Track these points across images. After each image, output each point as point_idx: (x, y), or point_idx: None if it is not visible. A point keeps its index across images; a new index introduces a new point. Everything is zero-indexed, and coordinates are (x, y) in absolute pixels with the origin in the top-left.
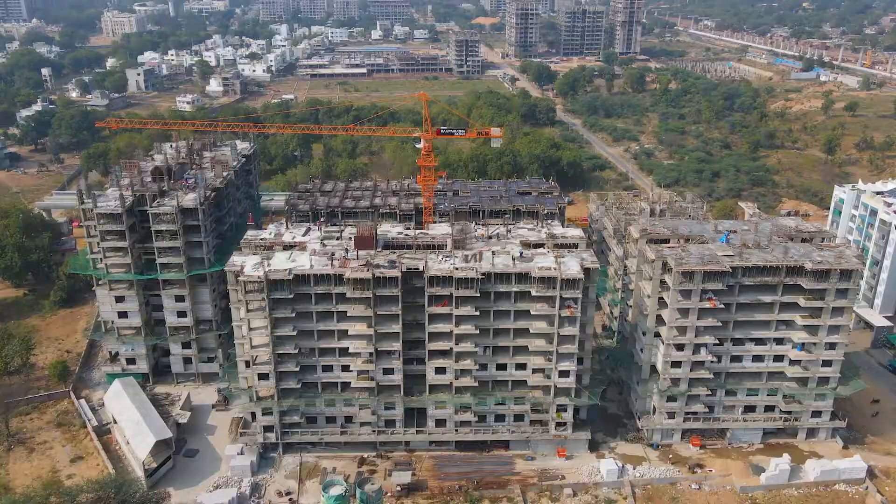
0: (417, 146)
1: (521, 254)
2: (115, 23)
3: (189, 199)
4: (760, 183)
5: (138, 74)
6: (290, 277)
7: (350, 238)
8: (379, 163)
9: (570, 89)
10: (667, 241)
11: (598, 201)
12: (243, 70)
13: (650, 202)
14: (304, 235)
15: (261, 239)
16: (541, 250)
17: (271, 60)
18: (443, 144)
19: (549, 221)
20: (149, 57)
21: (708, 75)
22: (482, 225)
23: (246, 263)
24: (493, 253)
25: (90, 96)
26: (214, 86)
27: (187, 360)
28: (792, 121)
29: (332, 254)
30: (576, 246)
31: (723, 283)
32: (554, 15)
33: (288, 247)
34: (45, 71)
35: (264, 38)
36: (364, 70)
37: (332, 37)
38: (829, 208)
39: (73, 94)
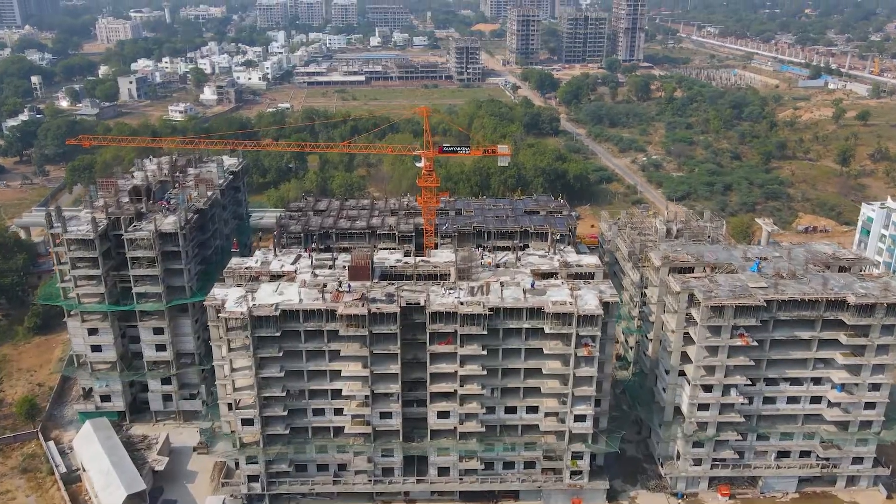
0: (418, 165)
1: (533, 285)
2: (110, 29)
3: (169, 223)
4: (775, 196)
5: (130, 82)
6: (277, 314)
7: (344, 267)
8: (377, 175)
9: (573, 98)
10: (691, 269)
11: (611, 220)
12: (238, 78)
13: (665, 221)
14: (293, 264)
15: (245, 268)
16: (554, 281)
17: (267, 68)
18: (444, 157)
19: (562, 247)
20: (142, 64)
21: (713, 83)
22: (488, 251)
23: (228, 297)
24: (502, 284)
25: (80, 105)
26: (208, 94)
27: (167, 397)
28: (802, 130)
29: (324, 285)
30: (592, 276)
31: (756, 318)
32: (555, 21)
33: (275, 277)
34: (34, 79)
35: (261, 44)
36: (362, 77)
37: (330, 43)
38: (847, 223)
39: (64, 103)
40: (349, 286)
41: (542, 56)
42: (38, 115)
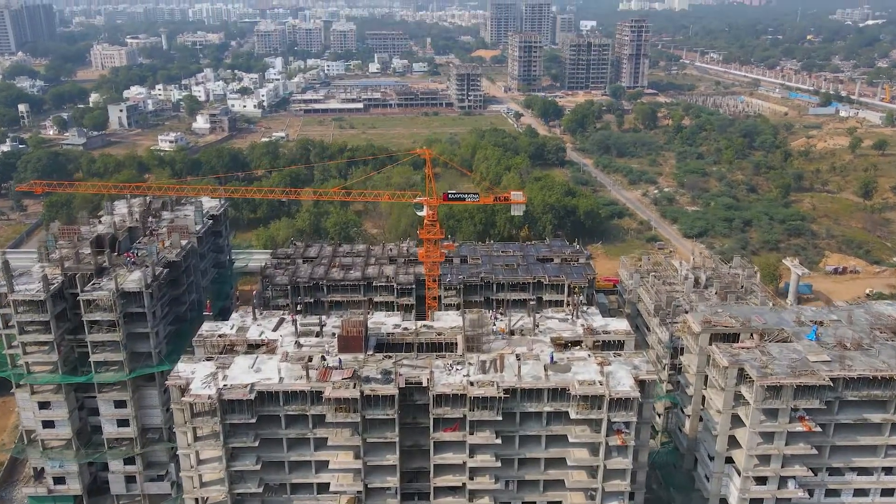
0: (419, 213)
1: (553, 359)
2: (105, 56)
3: (133, 280)
4: (798, 233)
5: (121, 111)
6: (253, 397)
7: (333, 335)
8: (374, 212)
9: (578, 126)
10: (735, 336)
11: (631, 267)
12: (233, 105)
13: (692, 268)
14: (274, 330)
15: (219, 336)
16: (578, 352)
17: (263, 95)
18: (445, 189)
19: (585, 308)
20: (134, 92)
21: (721, 110)
22: (500, 313)
23: (195, 374)
24: (518, 358)
25: (67, 134)
26: (201, 123)
27: (130, 479)
28: (817, 160)
29: (310, 359)
30: (622, 344)
31: (820, 399)
32: (556, 48)
33: (254, 346)
34: (21, 107)
35: (258, 71)
36: (361, 105)
37: (328, 70)
38: (878, 262)
39: (51, 132)
40: (339, 360)
41: (544, 82)
42: (20, 146)
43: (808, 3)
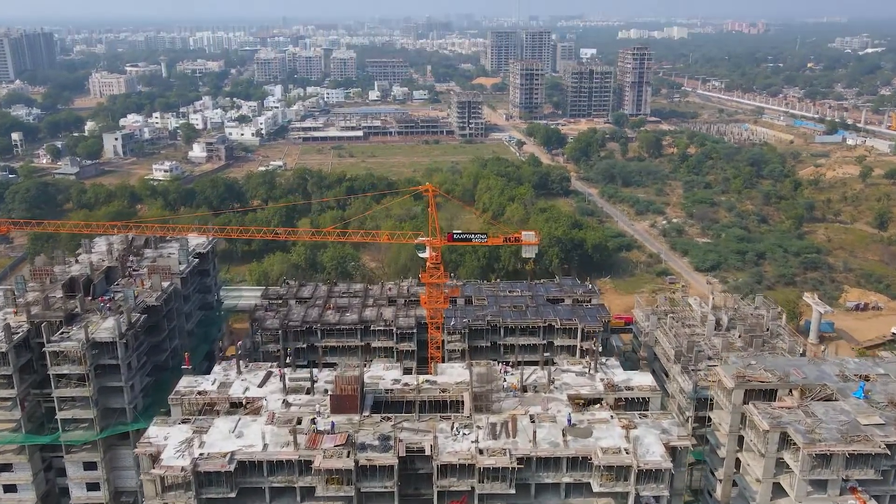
0: (421, 255)
1: (571, 421)
2: (104, 84)
3: (106, 328)
4: (814, 266)
5: (116, 139)
6: (233, 468)
7: (326, 391)
8: (373, 244)
9: (582, 154)
10: (772, 392)
11: (647, 307)
12: (230, 134)
13: (711, 307)
14: (260, 386)
15: (198, 393)
16: (599, 413)
17: (261, 123)
18: (445, 222)
19: (604, 360)
20: (131, 120)
21: (726, 138)
22: (511, 365)
23: (169, 440)
24: (533, 419)
25: (60, 163)
26: (197, 151)
27: None
28: (827, 189)
29: (298, 421)
30: (646, 402)
31: (876, 468)
32: (557, 75)
33: (236, 405)
34: (14, 135)
35: (257, 99)
36: (360, 133)
37: (328, 97)
38: None
39: (44, 161)
40: (331, 424)
41: (545, 110)
42: (10, 175)
43: (806, 32)
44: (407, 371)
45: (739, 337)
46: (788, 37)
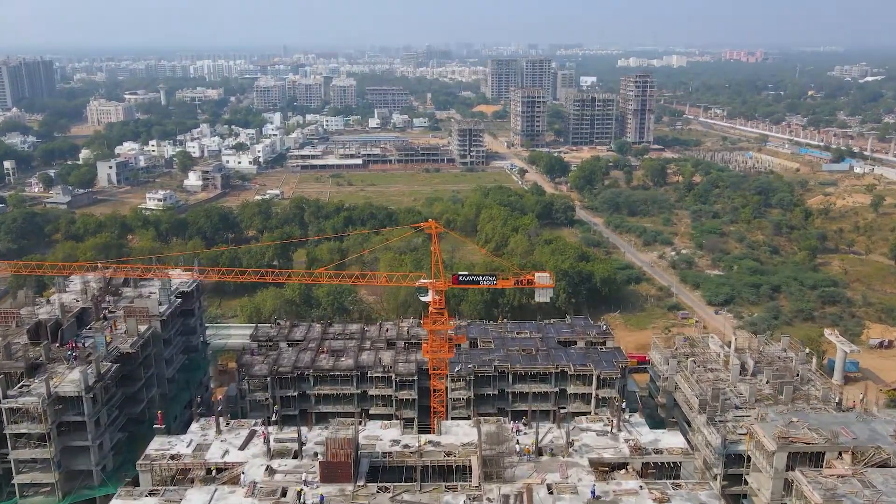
0: (423, 299)
1: (595, 493)
2: (101, 112)
3: (71, 382)
4: (832, 300)
5: (110, 167)
6: None
7: (316, 454)
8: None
9: (586, 183)
10: (819, 454)
11: (665, 349)
12: (227, 162)
13: (734, 348)
14: (242, 448)
15: (171, 458)
16: (626, 481)
17: (259, 151)
18: (447, 254)
19: (627, 417)
20: (127, 148)
21: (731, 166)
22: (524, 423)
23: None
24: (550, 489)
25: (52, 192)
26: (193, 179)
27: None
28: (838, 219)
29: (283, 493)
30: (677, 467)
31: None
32: (557, 102)
33: (214, 470)
34: (7, 164)
35: (256, 126)
36: (360, 161)
37: (327, 125)
38: None
39: (36, 189)
40: (321, 498)
41: (547, 138)
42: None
43: (804, 61)
44: (407, 423)
45: (767, 383)
46: (787, 65)
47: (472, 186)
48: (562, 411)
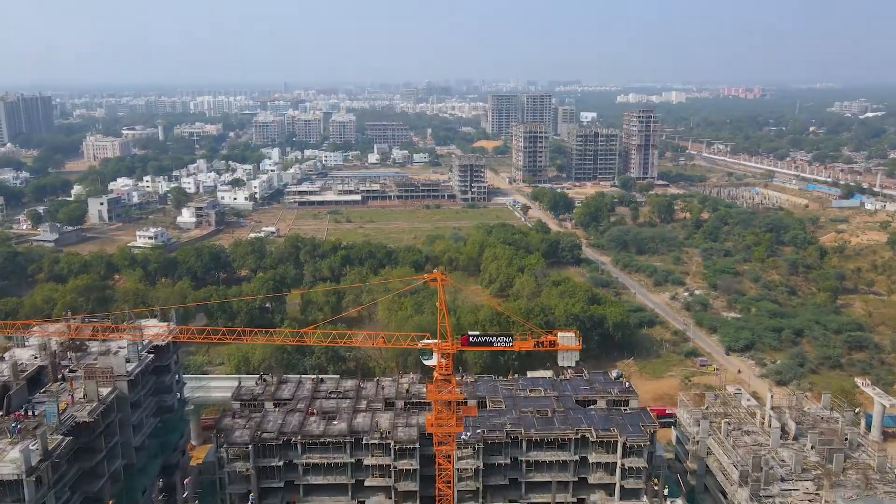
0: (427, 362)
1: None
2: (98, 147)
3: (11, 462)
4: (859, 346)
5: (101, 204)
6: None
7: None
8: (369, 319)
9: (591, 220)
10: None
11: (694, 408)
12: (223, 198)
13: (775, 411)
14: None
15: None
16: None
17: (255, 187)
18: (449, 295)
19: (666, 499)
20: (120, 184)
21: (738, 202)
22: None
23: None
24: None
25: (39, 229)
26: (186, 216)
27: None
28: (854, 257)
29: None
30: None
31: None
32: (558, 138)
33: None
34: None
35: (253, 162)
36: (359, 197)
37: (326, 160)
38: None
39: (24, 227)
40: None
41: (549, 174)
42: None
43: (802, 97)
44: (407, 497)
45: (812, 448)
46: (785, 101)
47: (474, 223)
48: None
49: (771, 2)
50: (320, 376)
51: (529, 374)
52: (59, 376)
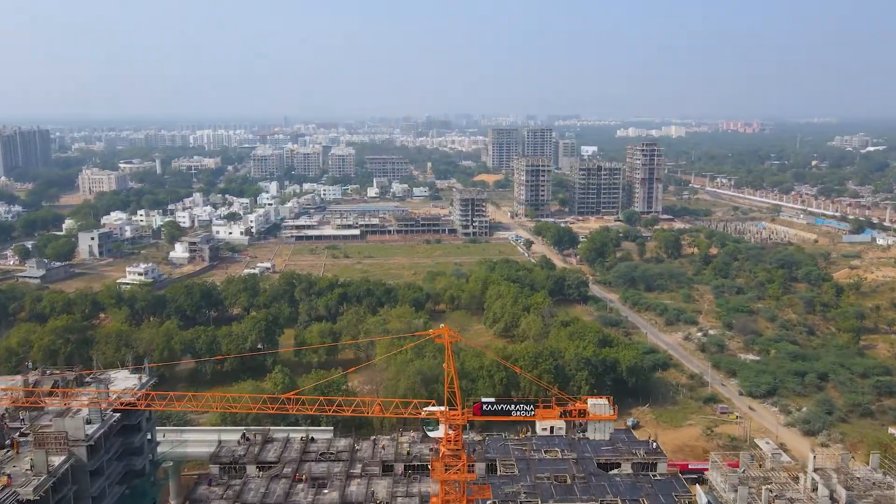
0: (431, 434)
1: None
2: (94, 181)
3: None
4: (888, 392)
5: (92, 238)
6: None
7: None
8: (366, 368)
9: (597, 255)
10: None
11: (729, 471)
12: (218, 232)
13: (818, 473)
14: None
15: None
16: None
17: (251, 221)
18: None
19: None
20: (113, 218)
21: (746, 237)
22: None
23: None
24: None
25: (26, 265)
26: (179, 251)
27: None
28: (870, 294)
29: None
30: None
31: None
32: (560, 171)
33: None
34: None
35: (251, 195)
36: (357, 231)
37: (324, 194)
38: None
39: (11, 262)
40: None
41: (552, 208)
42: None
43: (802, 131)
44: None
45: None
46: (785, 135)
47: (475, 259)
48: None
49: (767, 39)
50: (311, 433)
51: (539, 425)
52: (7, 442)
